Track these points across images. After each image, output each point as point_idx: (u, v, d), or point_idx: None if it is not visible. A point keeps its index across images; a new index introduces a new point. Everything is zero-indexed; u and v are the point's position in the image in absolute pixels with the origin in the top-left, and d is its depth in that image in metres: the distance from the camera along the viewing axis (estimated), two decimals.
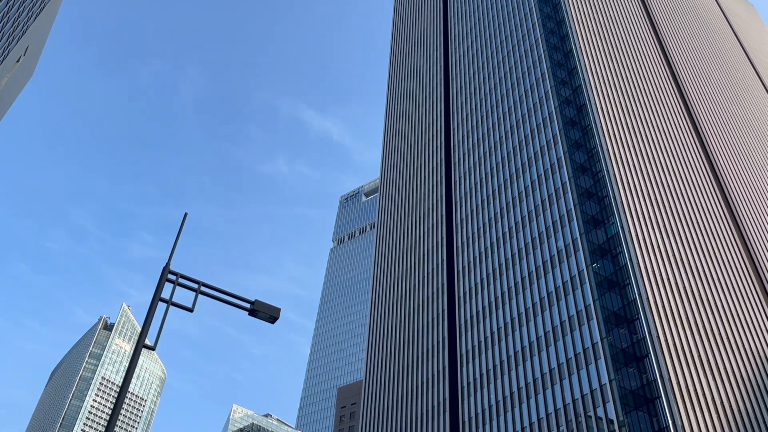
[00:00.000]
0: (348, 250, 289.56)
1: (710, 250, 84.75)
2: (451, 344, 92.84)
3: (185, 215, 17.80)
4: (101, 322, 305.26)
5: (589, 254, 74.72)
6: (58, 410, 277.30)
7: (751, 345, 76.37)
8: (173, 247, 16.69)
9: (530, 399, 72.93)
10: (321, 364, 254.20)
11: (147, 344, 14.94)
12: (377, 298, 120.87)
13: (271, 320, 17.53)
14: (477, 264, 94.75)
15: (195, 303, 16.35)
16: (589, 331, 69.11)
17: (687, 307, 72.46)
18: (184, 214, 17.63)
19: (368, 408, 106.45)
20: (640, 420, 61.62)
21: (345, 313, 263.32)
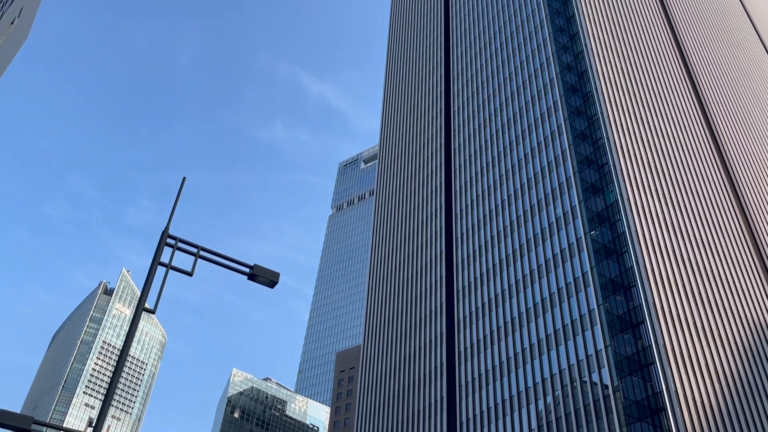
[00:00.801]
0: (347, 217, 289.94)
1: (709, 218, 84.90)
2: (449, 310, 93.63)
3: (183, 179, 17.72)
4: (101, 286, 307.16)
5: (587, 222, 74.85)
6: (60, 373, 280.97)
7: (747, 312, 77.07)
8: (172, 211, 16.65)
9: (526, 364, 73.84)
10: (320, 329, 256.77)
11: (147, 307, 15.00)
12: (376, 264, 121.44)
13: (270, 285, 17.57)
14: (476, 230, 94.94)
15: (194, 267, 16.37)
16: (585, 298, 69.64)
17: (684, 274, 72.89)
18: (182, 179, 17.56)
19: (366, 372, 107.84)
20: (634, 385, 62.50)
21: (344, 280, 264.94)
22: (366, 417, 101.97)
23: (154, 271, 15.61)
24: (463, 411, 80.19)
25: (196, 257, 16.51)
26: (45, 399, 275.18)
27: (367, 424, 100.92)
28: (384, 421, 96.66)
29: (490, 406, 76.24)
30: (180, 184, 17.47)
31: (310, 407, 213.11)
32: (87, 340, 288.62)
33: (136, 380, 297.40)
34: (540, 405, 69.49)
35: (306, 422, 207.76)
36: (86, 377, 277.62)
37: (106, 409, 12.79)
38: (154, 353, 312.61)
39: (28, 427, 12.43)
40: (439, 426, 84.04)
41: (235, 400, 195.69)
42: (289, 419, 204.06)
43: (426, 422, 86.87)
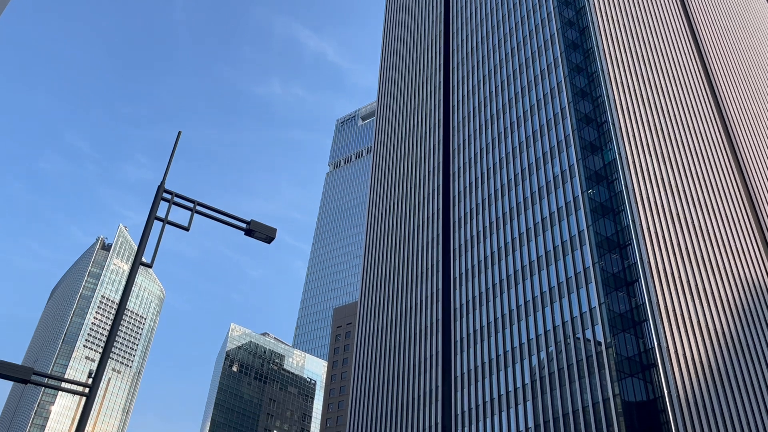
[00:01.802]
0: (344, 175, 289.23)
1: (706, 178, 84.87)
2: (445, 267, 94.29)
3: (179, 134, 17.55)
4: (99, 242, 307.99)
5: (585, 180, 74.79)
6: (59, 327, 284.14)
7: (740, 272, 77.79)
8: (168, 165, 16.54)
9: (521, 321, 74.80)
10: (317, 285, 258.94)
11: (144, 262, 15.03)
12: (373, 222, 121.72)
13: (268, 240, 17.59)
14: (474, 189, 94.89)
15: (191, 222, 16.35)
16: (581, 256, 70.11)
17: (679, 233, 73.27)
18: (178, 133, 17.39)
19: (363, 328, 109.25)
20: (626, 342, 63.48)
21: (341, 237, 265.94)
22: (362, 371, 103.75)
23: (150, 226, 15.58)
24: (458, 366, 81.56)
25: (192, 212, 16.48)
26: (45, 352, 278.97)
27: (363, 378, 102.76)
28: (380, 376, 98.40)
29: (485, 361, 77.51)
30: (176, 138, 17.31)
31: (308, 361, 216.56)
32: (86, 295, 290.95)
33: (135, 334, 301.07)
34: (534, 360, 70.66)
35: (303, 376, 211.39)
36: (86, 331, 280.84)
37: (105, 361, 12.94)
38: (153, 308, 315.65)
39: (28, 377, 12.57)
40: (434, 380, 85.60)
41: (234, 354, 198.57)
42: (287, 373, 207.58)
43: (421, 376, 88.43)
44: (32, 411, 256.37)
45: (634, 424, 59.05)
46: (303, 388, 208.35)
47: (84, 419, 12.34)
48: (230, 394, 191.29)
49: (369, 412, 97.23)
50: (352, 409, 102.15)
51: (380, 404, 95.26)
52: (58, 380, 13.25)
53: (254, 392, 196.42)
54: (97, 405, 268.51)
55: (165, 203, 16.47)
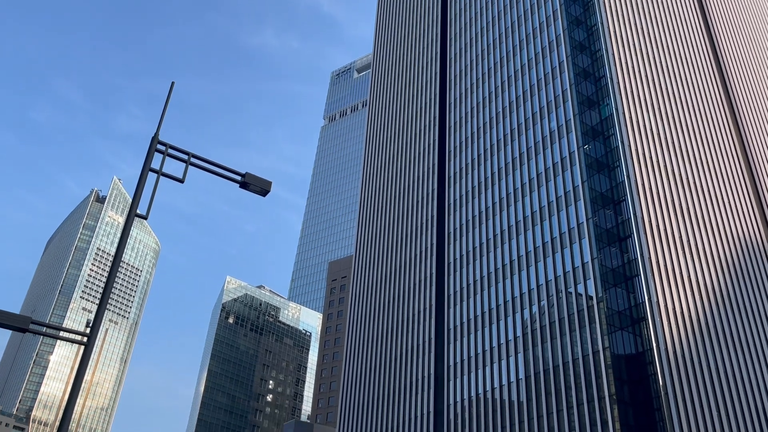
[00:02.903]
0: (340, 128, 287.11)
1: (702, 134, 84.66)
2: (440, 222, 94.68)
3: (172, 84, 17.34)
4: (93, 194, 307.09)
5: (581, 135, 74.52)
6: (56, 278, 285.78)
7: (733, 228, 78.40)
8: (161, 116, 16.38)
9: (514, 275, 75.59)
10: (312, 239, 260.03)
11: (138, 213, 15.04)
12: (368, 176, 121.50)
13: (263, 193, 17.57)
14: (469, 143, 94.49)
15: (185, 174, 16.29)
16: (575, 212, 70.44)
17: (674, 189, 73.50)
18: (171, 83, 17.18)
19: (358, 281, 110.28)
20: (618, 296, 64.39)
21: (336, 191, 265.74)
22: (357, 323, 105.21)
23: (144, 177, 15.53)
24: (451, 319, 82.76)
25: (187, 164, 16.40)
26: (42, 303, 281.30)
27: (358, 330, 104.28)
28: (374, 328, 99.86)
29: (477, 314, 78.65)
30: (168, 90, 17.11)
31: (303, 314, 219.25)
32: (81, 247, 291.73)
33: (131, 286, 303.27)
34: (525, 314, 71.73)
35: (299, 328, 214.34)
36: (82, 282, 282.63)
37: (102, 309, 13.08)
38: (149, 260, 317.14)
39: (27, 326, 12.71)
40: (427, 332, 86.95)
41: (230, 306, 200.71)
42: (283, 325, 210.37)
43: (415, 329, 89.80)
44: (31, 360, 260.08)
45: (622, 376, 60.41)
46: (298, 340, 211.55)
47: (83, 367, 12.55)
48: (226, 345, 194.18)
49: (363, 363, 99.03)
50: (347, 360, 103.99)
51: (375, 355, 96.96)
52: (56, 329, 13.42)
53: (250, 343, 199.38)
54: (95, 355, 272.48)
55: (159, 155, 16.41)
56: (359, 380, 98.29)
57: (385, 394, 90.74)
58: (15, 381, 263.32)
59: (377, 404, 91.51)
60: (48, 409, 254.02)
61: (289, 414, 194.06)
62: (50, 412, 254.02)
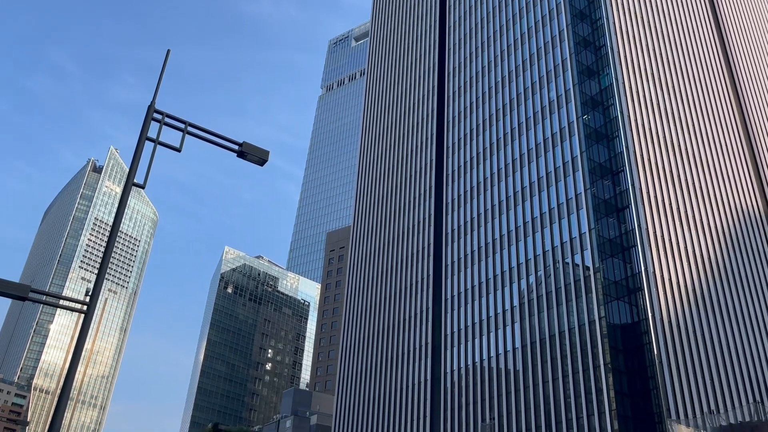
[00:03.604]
0: (337, 98, 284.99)
1: (703, 105, 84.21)
2: (438, 192, 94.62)
3: (168, 52, 17.16)
4: (90, 164, 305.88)
5: (580, 105, 74.08)
6: (54, 248, 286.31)
7: (731, 199, 78.51)
8: (158, 84, 16.23)
9: (511, 246, 75.86)
10: (310, 210, 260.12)
11: (136, 182, 14.99)
12: (366, 146, 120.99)
13: (260, 163, 17.52)
14: (469, 112, 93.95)
15: (182, 142, 16.22)
16: (573, 182, 70.39)
17: (673, 160, 73.37)
18: (167, 51, 17.00)
19: (356, 251, 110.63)
20: (614, 266, 64.75)
21: (334, 161, 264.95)
22: (355, 293, 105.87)
23: (141, 146, 15.46)
24: (449, 288, 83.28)
25: (184, 132, 16.31)
26: (41, 273, 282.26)
27: (356, 299, 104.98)
28: (372, 297, 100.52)
29: (475, 284, 79.13)
30: (164, 58, 16.93)
31: (302, 284, 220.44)
32: (79, 217, 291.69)
33: (129, 256, 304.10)
34: (523, 284, 72.19)
35: (297, 298, 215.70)
36: (81, 252, 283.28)
37: (101, 277, 13.13)
38: (147, 230, 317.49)
39: (26, 294, 12.77)
40: (425, 302, 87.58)
41: (228, 276, 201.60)
42: (281, 294, 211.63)
43: (413, 298, 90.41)
44: (31, 330, 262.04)
45: (618, 345, 61.08)
46: (297, 309, 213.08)
47: (83, 335, 12.64)
48: (225, 315, 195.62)
49: (362, 332, 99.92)
50: (345, 330, 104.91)
51: (372, 324, 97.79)
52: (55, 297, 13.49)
53: (249, 313, 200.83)
54: (95, 324, 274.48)
55: (156, 124, 16.25)
56: (357, 349, 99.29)
57: (383, 362, 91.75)
58: (15, 350, 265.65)
59: (375, 372, 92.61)
60: (49, 377, 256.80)
61: (288, 382, 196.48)
62: (51, 380, 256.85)
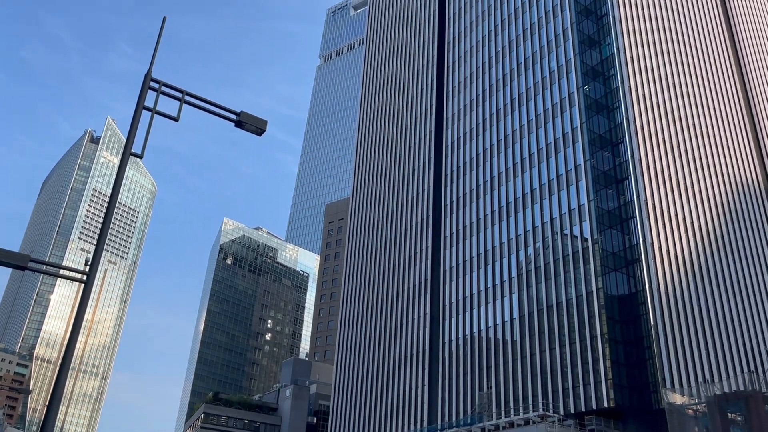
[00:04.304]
0: (336, 68, 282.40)
1: (705, 75, 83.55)
2: (437, 164, 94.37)
3: (164, 19, 16.93)
4: (87, 135, 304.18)
5: (581, 76, 73.44)
6: (53, 219, 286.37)
7: (732, 171, 78.39)
8: (154, 53, 16.03)
9: (510, 217, 75.92)
10: (309, 182, 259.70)
11: (134, 152, 14.90)
12: (365, 117, 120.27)
13: (258, 132, 17.39)
14: (468, 83, 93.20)
15: (180, 112, 16.08)
16: (573, 154, 70.14)
17: (673, 131, 73.05)
18: (163, 18, 16.76)
19: (355, 224, 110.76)
20: (613, 238, 64.90)
21: (333, 133, 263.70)
22: (354, 265, 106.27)
23: (138, 116, 15.32)
24: (447, 260, 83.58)
25: (181, 102, 16.15)
26: (41, 243, 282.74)
27: (355, 271, 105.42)
28: (371, 269, 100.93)
29: (473, 256, 79.40)
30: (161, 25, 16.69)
31: (301, 255, 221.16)
32: (77, 188, 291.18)
33: (128, 227, 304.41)
34: (521, 255, 72.43)
35: (296, 269, 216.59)
36: (80, 223, 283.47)
37: (101, 247, 13.12)
38: (145, 201, 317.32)
39: (26, 264, 12.77)
40: (423, 273, 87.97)
41: (227, 247, 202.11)
42: (281, 266, 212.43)
43: (411, 270, 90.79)
44: (31, 300, 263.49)
45: (615, 316, 61.55)
46: (296, 281, 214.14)
47: (83, 305, 12.67)
48: (225, 286, 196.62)
49: (360, 302, 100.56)
50: (344, 300, 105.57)
51: (371, 295, 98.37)
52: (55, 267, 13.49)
53: (249, 284, 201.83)
54: (95, 294, 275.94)
55: (153, 93, 16.08)
56: (356, 319, 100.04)
57: (382, 332, 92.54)
58: (16, 320, 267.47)
59: (374, 342, 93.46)
60: (51, 347, 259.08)
61: (287, 352, 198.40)
62: (53, 349, 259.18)
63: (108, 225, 13.47)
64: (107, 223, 13.47)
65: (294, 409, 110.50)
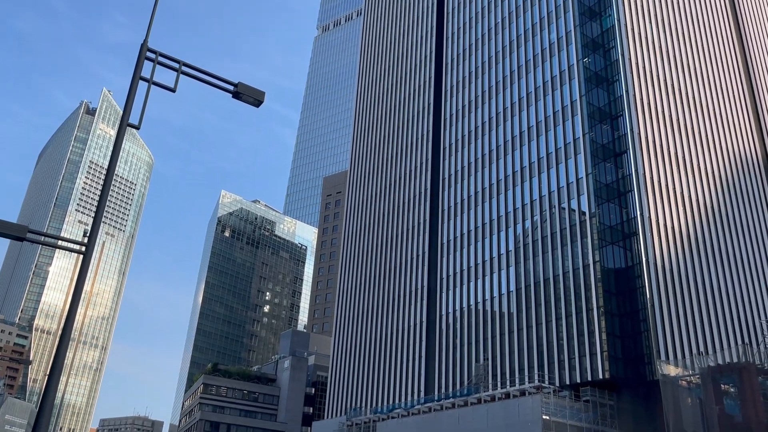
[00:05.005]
0: (333, 39, 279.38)
1: (706, 48, 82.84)
2: (436, 137, 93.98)
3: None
4: (83, 106, 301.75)
5: (581, 48, 72.78)
6: (50, 191, 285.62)
7: (731, 144, 78.21)
8: (150, 22, 15.81)
9: (508, 191, 75.88)
10: (307, 154, 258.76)
11: (131, 123, 14.77)
12: (363, 89, 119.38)
13: (256, 104, 17.25)
14: (467, 55, 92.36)
15: (177, 83, 15.90)
16: (572, 126, 69.85)
17: (673, 104, 72.68)
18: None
19: (353, 196, 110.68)
20: (610, 211, 64.99)
21: (330, 104, 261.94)
22: (352, 237, 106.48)
23: (135, 86, 15.16)
24: (445, 233, 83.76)
25: (178, 72, 15.97)
26: (38, 215, 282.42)
27: (353, 244, 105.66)
28: (369, 242, 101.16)
29: (471, 229, 79.55)
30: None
31: (299, 228, 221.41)
32: (74, 160, 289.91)
33: (126, 199, 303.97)
34: (518, 228, 72.58)
35: (294, 242, 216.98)
36: (77, 195, 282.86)
37: (99, 218, 13.08)
38: (142, 174, 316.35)
39: (24, 235, 12.75)
40: (421, 246, 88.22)
41: (225, 220, 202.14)
42: (278, 239, 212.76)
43: (409, 243, 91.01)
44: (30, 272, 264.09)
45: (611, 289, 61.95)
46: (294, 253, 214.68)
47: (82, 276, 12.68)
48: (223, 258, 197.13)
49: (358, 275, 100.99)
50: (342, 273, 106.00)
51: (369, 268, 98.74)
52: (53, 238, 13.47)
53: (247, 256, 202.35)
54: (93, 266, 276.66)
55: (149, 64, 15.88)
56: (354, 292, 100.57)
57: (379, 304, 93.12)
58: (15, 292, 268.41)
59: (372, 314, 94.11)
60: (50, 319, 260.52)
61: (286, 324, 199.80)
62: (52, 320, 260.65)
63: (106, 197, 13.43)
64: (105, 195, 13.42)
65: (292, 380, 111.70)
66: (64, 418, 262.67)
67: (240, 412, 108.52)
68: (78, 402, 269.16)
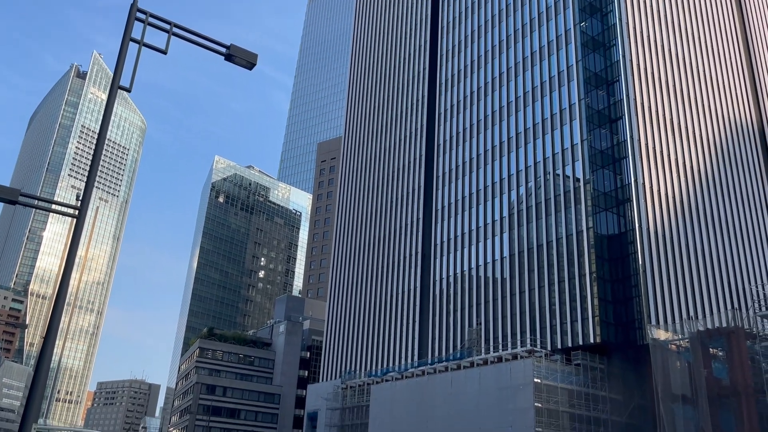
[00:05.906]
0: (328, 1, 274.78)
1: (703, 12, 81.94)
2: (431, 102, 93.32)
3: None
4: (73, 69, 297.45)
5: (578, 12, 71.88)
6: (42, 156, 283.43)
7: (726, 111, 77.98)
8: None
9: (503, 157, 75.74)
10: (301, 120, 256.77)
11: (122, 86, 14.57)
12: (357, 53, 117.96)
13: (249, 66, 17.02)
14: (462, 20, 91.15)
15: (168, 44, 15.65)
16: (568, 92, 69.41)
17: (670, 70, 72.18)
18: None
19: (347, 163, 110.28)
20: (605, 177, 65.05)
21: (324, 69, 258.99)
22: (347, 204, 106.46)
23: (125, 48, 14.91)
24: (439, 199, 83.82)
25: (169, 34, 15.70)
26: (30, 181, 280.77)
27: (347, 210, 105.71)
28: (364, 208, 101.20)
29: (465, 195, 79.60)
30: None
31: (293, 194, 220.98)
32: (65, 124, 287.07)
33: (119, 164, 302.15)
34: (513, 195, 72.67)
35: (289, 208, 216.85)
36: (69, 160, 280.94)
37: (92, 181, 13.00)
38: (135, 139, 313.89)
39: (16, 198, 12.67)
40: (415, 212, 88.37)
41: (219, 185, 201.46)
42: (273, 204, 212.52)
43: (404, 209, 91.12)
44: (24, 237, 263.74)
45: (604, 255, 62.39)
46: (289, 219, 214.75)
47: (76, 240, 12.65)
48: (218, 224, 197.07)
49: (353, 241, 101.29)
50: (337, 239, 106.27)
51: (364, 234, 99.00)
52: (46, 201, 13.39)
53: (241, 222, 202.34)
54: (87, 231, 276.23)
55: (139, 25, 15.59)
56: (349, 257, 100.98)
57: (374, 270, 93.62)
58: (9, 257, 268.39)
59: (366, 280, 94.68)
60: (45, 283, 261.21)
61: (281, 289, 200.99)
62: (47, 285, 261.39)
63: (98, 160, 13.32)
64: (97, 158, 13.31)
65: (287, 344, 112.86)
66: (62, 382, 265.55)
67: (236, 376, 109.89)
68: (75, 366, 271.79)
